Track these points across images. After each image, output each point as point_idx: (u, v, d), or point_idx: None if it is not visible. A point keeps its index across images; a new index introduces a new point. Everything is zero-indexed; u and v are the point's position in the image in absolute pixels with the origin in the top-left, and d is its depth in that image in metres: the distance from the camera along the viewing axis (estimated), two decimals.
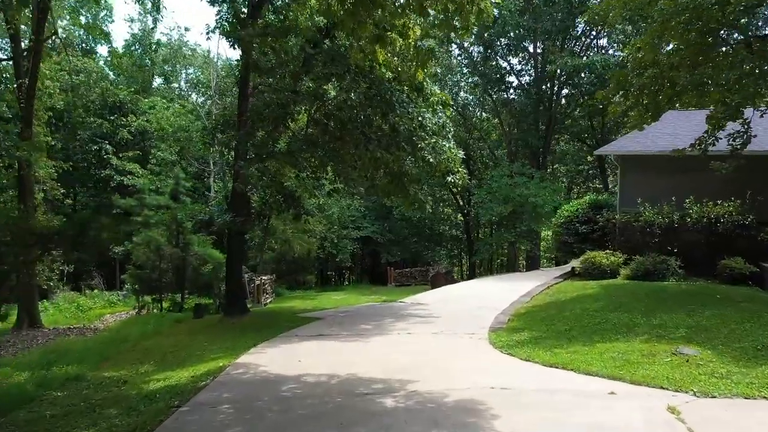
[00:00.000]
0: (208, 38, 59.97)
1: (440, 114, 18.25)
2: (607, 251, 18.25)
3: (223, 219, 16.29)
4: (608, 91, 15.49)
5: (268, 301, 25.24)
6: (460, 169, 17.35)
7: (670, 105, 15.35)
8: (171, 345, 13.95)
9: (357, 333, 13.40)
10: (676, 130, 20.85)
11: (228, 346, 12.81)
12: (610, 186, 45.00)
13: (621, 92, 15.04)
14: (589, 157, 39.40)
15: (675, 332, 10.38)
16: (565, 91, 36.37)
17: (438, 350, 10.90)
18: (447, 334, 12.69)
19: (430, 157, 16.81)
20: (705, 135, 13.94)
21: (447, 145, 17.64)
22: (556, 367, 8.85)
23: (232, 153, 16.59)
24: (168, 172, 30.13)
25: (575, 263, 19.59)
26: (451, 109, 20.31)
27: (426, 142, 17.02)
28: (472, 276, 45.46)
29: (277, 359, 10.57)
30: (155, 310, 21.84)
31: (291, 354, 11.03)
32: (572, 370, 8.62)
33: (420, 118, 16.62)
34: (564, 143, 41.84)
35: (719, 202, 16.80)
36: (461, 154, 17.69)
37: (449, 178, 17.11)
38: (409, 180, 18.19)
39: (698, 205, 17.02)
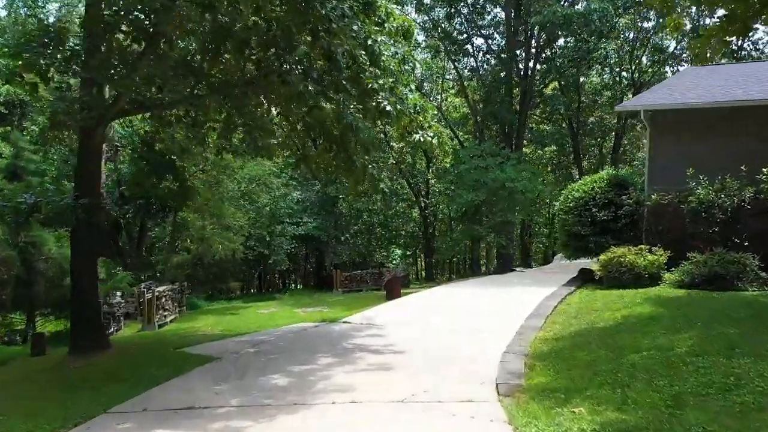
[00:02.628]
0: None
1: (401, 45, 12.29)
2: (641, 246, 12.70)
3: (53, 202, 9.82)
4: None
5: (168, 319, 18.71)
6: (432, 123, 11.45)
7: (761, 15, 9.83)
8: None
9: (259, 404, 7.26)
10: (700, 84, 15.63)
11: None
12: (586, 174, 40.18)
13: None
14: (564, 142, 34.18)
15: None
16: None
17: None
18: (423, 404, 6.79)
19: (386, 104, 10.80)
20: None
21: (410, 96, 11.77)
22: None
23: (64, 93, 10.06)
24: (49, 152, 23.04)
25: (591, 263, 14.03)
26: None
27: (381, 82, 11.04)
28: (429, 279, 39.70)
29: None
30: None
31: None
32: None
33: (370, 42, 10.56)
34: (534, 124, 36.56)
35: None
36: (433, 107, 11.78)
37: (417, 136, 11.15)
38: (357, 144, 12.25)
39: None
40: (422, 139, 11.24)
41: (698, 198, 12.19)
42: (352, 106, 10.65)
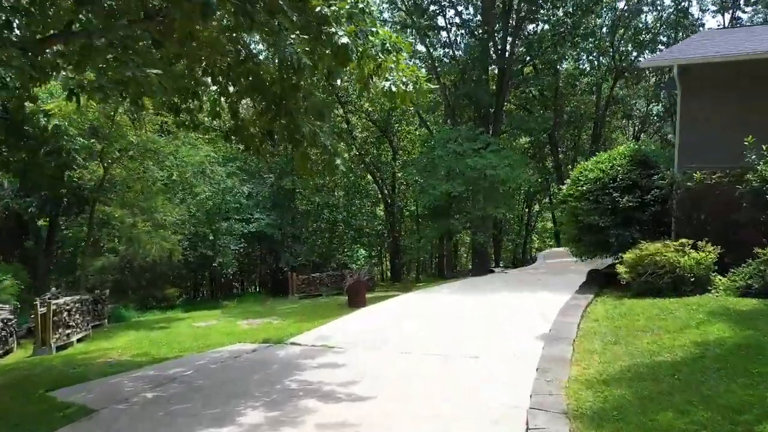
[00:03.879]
0: None
1: None
2: (682, 241, 9.70)
3: None
4: None
5: (75, 338, 14.98)
6: (405, 67, 8.17)
7: None
8: None
9: None
10: (734, 39, 12.81)
11: None
12: (562, 166, 37.55)
13: None
14: (546, 127, 31.03)
15: None
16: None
17: None
18: None
19: (342, 35, 7.47)
20: None
21: (378, 30, 8.43)
22: None
23: None
24: None
25: (615, 264, 11.01)
26: None
27: (334, 8, 7.74)
28: (396, 280, 36.45)
29: None
30: None
31: None
32: None
33: None
34: (512, 109, 33.57)
35: None
36: (409, 45, 8.59)
37: (387, 84, 7.87)
38: (305, 105, 9.00)
39: None
40: (393, 89, 7.91)
41: (762, 176, 9.26)
42: (293, 36, 7.26)
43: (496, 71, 27.09)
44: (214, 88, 10.13)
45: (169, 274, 24.29)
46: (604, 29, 32.47)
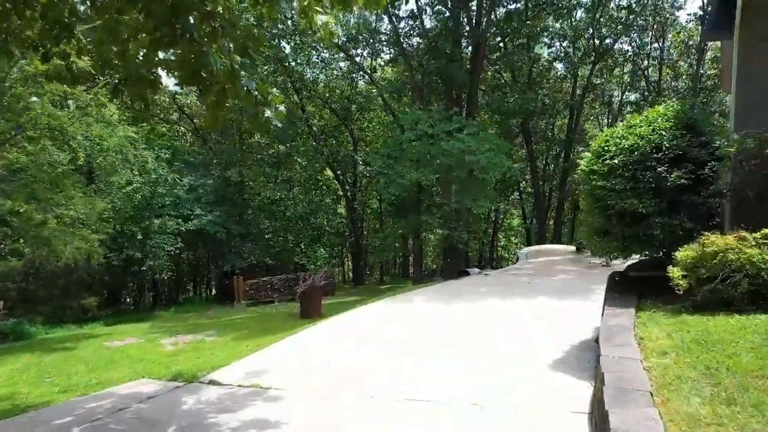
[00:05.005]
0: None
1: None
2: (764, 231, 6.86)
3: None
4: None
5: None
6: None
7: None
8: None
9: None
10: None
11: None
12: (536, 158, 35.03)
13: None
14: (527, 108, 28.13)
15: None
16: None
17: None
18: None
19: None
20: None
21: None
22: None
23: None
24: None
25: (635, 265, 8.17)
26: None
27: None
28: (358, 282, 33.27)
29: None
30: None
31: None
32: None
33: None
34: (487, 90, 30.73)
35: None
36: None
37: None
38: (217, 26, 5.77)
39: None
40: None
41: None
42: None
43: (469, 49, 24.26)
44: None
45: (88, 280, 20.52)
46: (581, 11, 30.16)
